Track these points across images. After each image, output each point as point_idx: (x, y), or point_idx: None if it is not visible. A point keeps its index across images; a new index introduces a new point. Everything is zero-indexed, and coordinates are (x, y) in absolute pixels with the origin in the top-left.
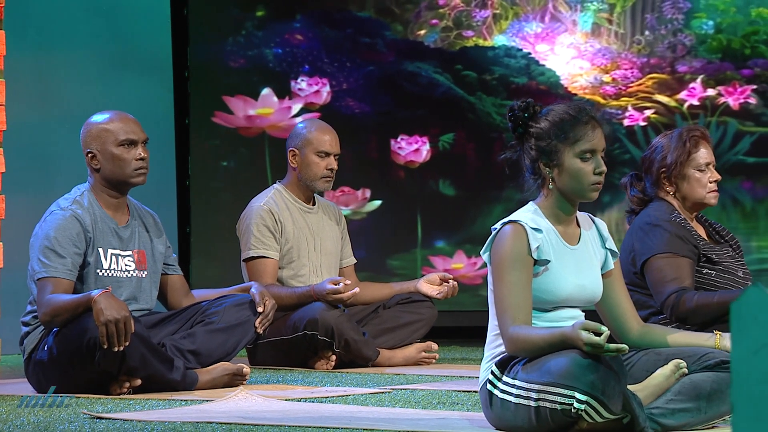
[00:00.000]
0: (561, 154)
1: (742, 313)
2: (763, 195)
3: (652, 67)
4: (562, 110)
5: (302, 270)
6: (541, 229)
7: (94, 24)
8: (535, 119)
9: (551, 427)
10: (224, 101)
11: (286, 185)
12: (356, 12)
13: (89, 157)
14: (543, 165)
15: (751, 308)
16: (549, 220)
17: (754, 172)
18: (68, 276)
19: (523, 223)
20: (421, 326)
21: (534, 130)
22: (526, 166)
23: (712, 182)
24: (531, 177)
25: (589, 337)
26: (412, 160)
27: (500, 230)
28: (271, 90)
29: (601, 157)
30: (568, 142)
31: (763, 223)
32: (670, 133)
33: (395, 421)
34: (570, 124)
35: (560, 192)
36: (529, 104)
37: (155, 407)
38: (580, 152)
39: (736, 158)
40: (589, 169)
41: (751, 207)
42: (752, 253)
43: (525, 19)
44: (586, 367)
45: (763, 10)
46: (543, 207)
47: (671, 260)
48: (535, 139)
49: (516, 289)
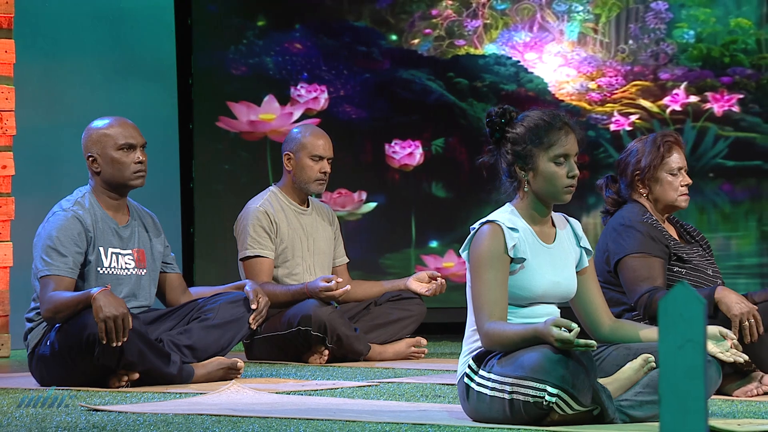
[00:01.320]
0: (536, 158)
1: (669, 310)
2: (741, 197)
3: (636, 75)
4: (537, 116)
5: (296, 269)
6: (518, 228)
7: (101, 33)
8: (511, 125)
9: (525, 419)
10: (228, 106)
11: (282, 187)
12: (353, 22)
13: (90, 160)
14: (519, 168)
15: (677, 306)
16: (525, 220)
17: (733, 175)
18: (70, 274)
19: (500, 222)
20: (411, 322)
21: (510, 135)
22: (503, 169)
23: (684, 186)
24: (508, 180)
25: (560, 333)
26: (406, 164)
27: (478, 230)
28: (273, 96)
29: (574, 161)
30: (542, 146)
31: (742, 224)
32: (645, 137)
33: (378, 413)
34: (544, 129)
35: (535, 194)
36: (506, 110)
37: (151, 400)
38: (554, 156)
39: (716, 162)
40: (563, 173)
41: (730, 209)
42: (731, 252)
43: (514, 29)
44: (557, 362)
45: (742, 21)
46: (519, 208)
47: (644, 260)
48: (512, 144)
49: (493, 287)
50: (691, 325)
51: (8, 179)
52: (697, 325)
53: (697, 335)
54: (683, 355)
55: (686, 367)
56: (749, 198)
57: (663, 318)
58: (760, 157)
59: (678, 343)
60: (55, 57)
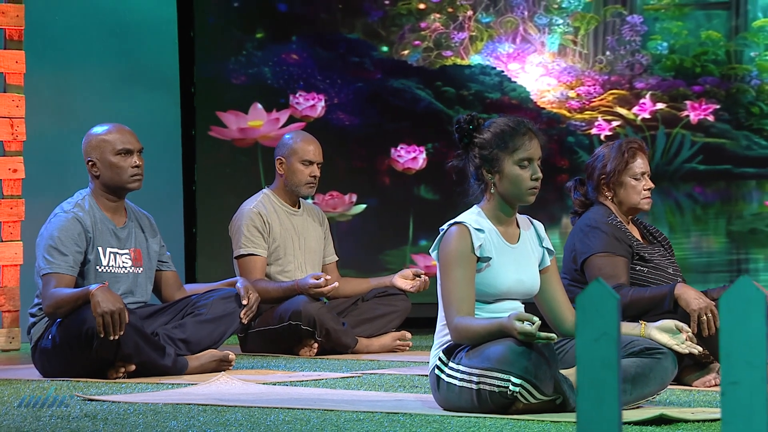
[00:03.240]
0: (501, 162)
1: (586, 306)
2: (712, 199)
3: (613, 84)
4: (503, 122)
5: (288, 266)
6: (484, 229)
7: (108, 44)
8: (479, 131)
9: (491, 408)
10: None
11: (274, 190)
12: (346, 34)
13: (90, 165)
14: (485, 172)
15: (593, 301)
16: (491, 221)
17: (704, 179)
18: (70, 272)
19: (467, 224)
20: (396, 317)
21: (478, 141)
22: (471, 172)
23: (647, 190)
24: (475, 182)
25: (522, 327)
26: (409, 167)
27: (447, 231)
28: (258, 104)
29: (538, 165)
30: (507, 151)
31: (712, 225)
32: (612, 143)
33: (356, 403)
34: (510, 134)
35: (501, 196)
36: (473, 117)
37: (144, 390)
38: (519, 160)
39: (690, 166)
40: (527, 176)
41: (702, 210)
42: (702, 251)
43: (498, 41)
44: (520, 354)
45: (712, 33)
46: (486, 209)
47: (608, 259)
48: (479, 149)
49: (460, 284)
50: (606, 319)
51: (19, 182)
52: (611, 319)
53: (611, 329)
54: (599, 347)
55: (602, 358)
56: (719, 200)
57: (580, 313)
58: (729, 161)
59: (594, 336)
60: (65, 67)
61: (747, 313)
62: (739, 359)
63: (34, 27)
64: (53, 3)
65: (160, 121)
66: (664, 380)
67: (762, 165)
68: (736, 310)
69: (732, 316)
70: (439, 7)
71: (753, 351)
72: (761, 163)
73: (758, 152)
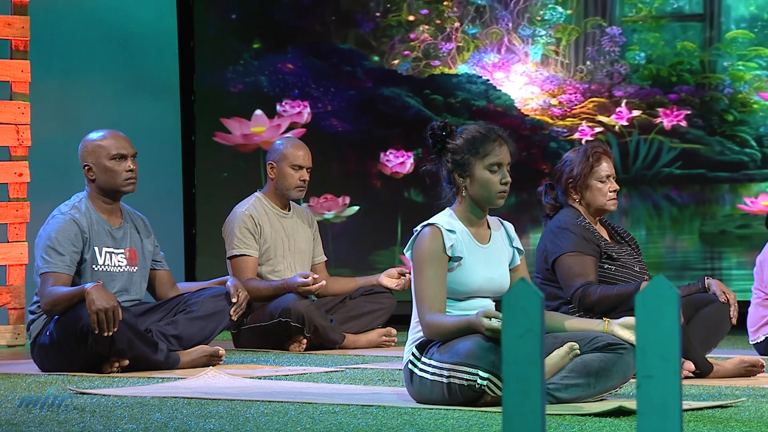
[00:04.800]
0: (472, 166)
1: (512, 304)
2: (688, 201)
3: (593, 92)
4: (474, 129)
5: (278, 266)
6: (455, 230)
7: (112, 54)
8: (451, 137)
9: (461, 401)
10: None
11: (265, 193)
12: (339, 45)
13: (86, 169)
14: (457, 176)
15: (518, 299)
16: (462, 222)
17: (680, 183)
18: (67, 271)
19: (439, 225)
20: (382, 314)
21: (450, 146)
22: (444, 176)
23: (612, 192)
24: (448, 186)
25: (490, 323)
26: (397, 171)
27: (420, 232)
28: (261, 111)
29: (507, 170)
30: (478, 156)
31: (687, 226)
32: (578, 149)
33: (334, 396)
34: (480, 141)
35: (472, 199)
36: (446, 124)
37: (135, 384)
38: (489, 165)
39: (667, 170)
40: (496, 180)
41: (678, 212)
42: (677, 251)
43: (484, 51)
44: (488, 349)
45: (687, 44)
46: (457, 212)
47: (578, 258)
48: (451, 154)
49: (432, 283)
50: (530, 316)
51: (24, 186)
52: (535, 316)
53: (535, 325)
54: (524, 343)
55: (526, 353)
56: (694, 202)
57: (506, 310)
58: (703, 166)
59: (519, 332)
60: (70, 76)
61: (661, 310)
62: (654, 354)
63: (41, 38)
64: (59, 15)
65: (161, 127)
66: (626, 374)
67: (734, 169)
68: (650, 307)
69: (647, 313)
70: (427, 19)
71: (666, 346)
72: (734, 168)
73: (731, 157)
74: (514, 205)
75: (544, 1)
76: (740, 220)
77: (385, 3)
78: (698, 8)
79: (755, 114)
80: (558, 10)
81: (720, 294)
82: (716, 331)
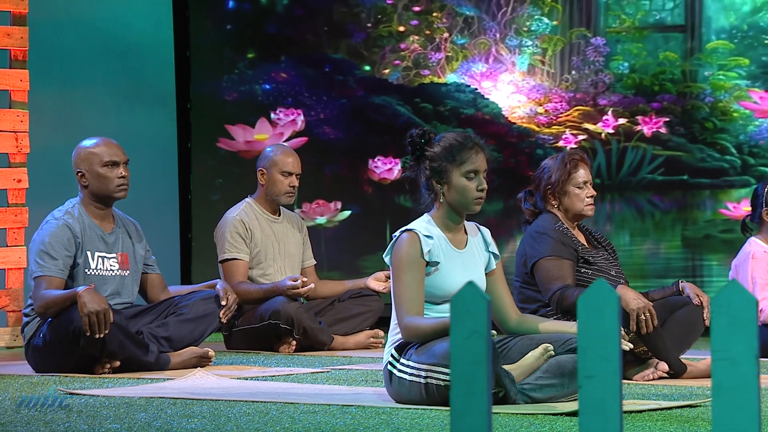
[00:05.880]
0: (450, 173)
1: (458, 306)
2: (670, 207)
3: (578, 101)
4: (452, 137)
5: (269, 270)
6: (433, 236)
7: (110, 64)
8: (429, 144)
9: (438, 401)
10: (227, 129)
11: (256, 199)
12: (331, 54)
13: (79, 175)
14: (435, 182)
15: (464, 302)
16: (440, 228)
17: (663, 188)
18: (60, 275)
19: (417, 231)
20: (370, 316)
21: (429, 154)
22: (422, 183)
23: (589, 197)
24: (426, 192)
25: None
26: (385, 177)
27: (398, 237)
28: (265, 119)
29: (483, 177)
30: (456, 163)
31: (669, 231)
32: (556, 156)
33: (316, 396)
34: (458, 148)
35: (449, 205)
36: (425, 132)
37: (125, 384)
38: (466, 172)
39: (650, 177)
40: (473, 186)
41: (660, 217)
42: (660, 255)
43: (472, 61)
44: None
45: (669, 54)
46: (435, 217)
47: (556, 262)
48: (430, 161)
49: (411, 287)
50: (476, 319)
51: (23, 192)
52: (481, 318)
53: (481, 328)
54: (470, 345)
55: (472, 355)
56: (676, 208)
57: (454, 313)
58: (685, 172)
59: (465, 334)
60: (69, 85)
61: (602, 312)
62: (595, 354)
63: (41, 48)
64: (59, 26)
65: (158, 134)
66: None
67: (715, 176)
68: (591, 309)
69: (588, 315)
70: (417, 30)
71: (607, 346)
72: (714, 175)
73: (712, 164)
74: (502, 211)
75: (530, 13)
76: (722, 225)
77: (376, 14)
78: (680, 19)
79: (735, 122)
80: (544, 21)
81: (694, 297)
82: (690, 332)
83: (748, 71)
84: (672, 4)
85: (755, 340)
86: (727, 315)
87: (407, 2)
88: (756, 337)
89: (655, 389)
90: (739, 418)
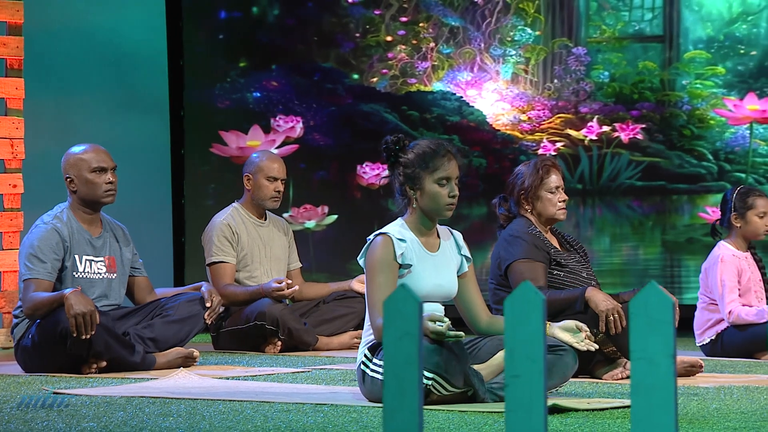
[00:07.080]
0: (423, 180)
1: (391, 308)
2: (648, 211)
3: (560, 109)
4: (425, 144)
5: (255, 272)
6: (406, 239)
7: (104, 72)
8: (403, 151)
9: None
10: (220, 135)
11: (243, 204)
12: (321, 63)
13: (68, 181)
14: (409, 188)
15: (396, 304)
16: (413, 232)
17: (641, 194)
18: (48, 277)
19: (390, 234)
20: (354, 318)
21: (403, 160)
22: (396, 188)
23: (561, 202)
24: (400, 197)
25: (434, 327)
26: (372, 183)
27: (372, 240)
28: (258, 126)
29: (456, 184)
30: (428, 170)
31: (648, 235)
32: (528, 162)
33: (293, 395)
34: (431, 156)
35: (422, 210)
36: (399, 139)
37: (109, 384)
38: (438, 179)
39: (629, 182)
40: (445, 193)
41: (639, 222)
42: (639, 259)
43: (458, 70)
44: (432, 351)
45: (648, 63)
46: (409, 222)
47: (529, 264)
48: (403, 167)
49: (383, 288)
50: (408, 320)
51: (18, 197)
52: (413, 320)
53: (413, 329)
54: (402, 345)
55: (405, 355)
56: (655, 212)
57: (386, 315)
58: (663, 178)
59: (398, 335)
60: (64, 93)
61: (527, 314)
62: (521, 354)
63: (37, 57)
64: (55, 36)
65: (152, 141)
66: (565, 374)
67: (693, 182)
68: (518, 311)
69: (515, 317)
70: (404, 40)
71: (533, 347)
72: (692, 180)
73: (689, 170)
74: (486, 215)
75: (514, 23)
76: (702, 229)
77: (365, 24)
78: (658, 30)
79: (712, 129)
80: (527, 31)
81: None
82: None
83: (724, 80)
84: (651, 15)
85: (672, 341)
86: (645, 316)
87: (395, 13)
88: (672, 337)
89: (622, 388)
90: (656, 417)
